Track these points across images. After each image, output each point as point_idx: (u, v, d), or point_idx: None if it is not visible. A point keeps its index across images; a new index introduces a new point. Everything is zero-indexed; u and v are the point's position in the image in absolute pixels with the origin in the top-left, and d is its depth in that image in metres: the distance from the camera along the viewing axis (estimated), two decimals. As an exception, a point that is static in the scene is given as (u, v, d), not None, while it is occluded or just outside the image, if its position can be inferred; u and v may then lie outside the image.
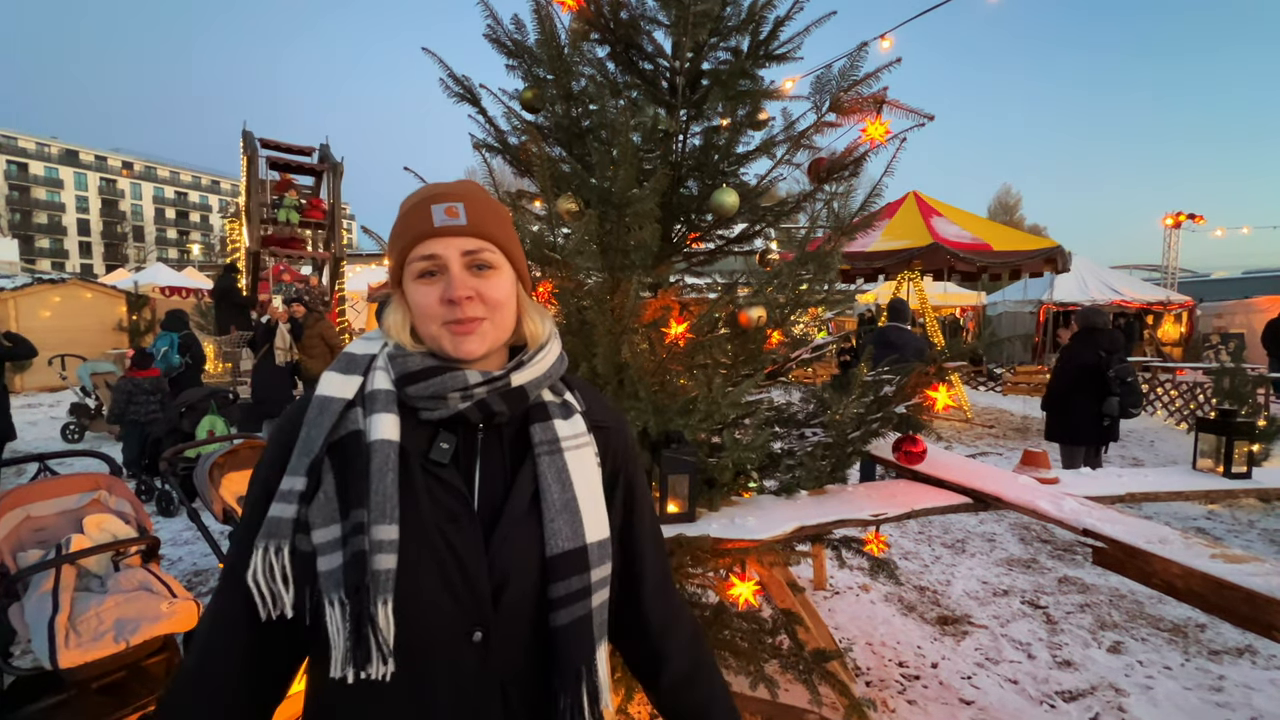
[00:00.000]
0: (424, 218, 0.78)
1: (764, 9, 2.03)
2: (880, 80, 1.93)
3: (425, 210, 0.78)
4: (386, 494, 0.72)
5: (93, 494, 2.58)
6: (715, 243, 2.41)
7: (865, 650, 3.04)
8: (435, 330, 0.78)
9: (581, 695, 0.78)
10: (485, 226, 0.80)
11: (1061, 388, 4.99)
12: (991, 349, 13.58)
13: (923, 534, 4.71)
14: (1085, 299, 14.08)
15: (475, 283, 0.78)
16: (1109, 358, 4.69)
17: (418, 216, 0.78)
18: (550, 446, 0.82)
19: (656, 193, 1.72)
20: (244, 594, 0.73)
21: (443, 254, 0.77)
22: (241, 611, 0.74)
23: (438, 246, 0.77)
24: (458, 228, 0.78)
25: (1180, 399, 9.10)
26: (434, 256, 0.77)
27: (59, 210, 59.51)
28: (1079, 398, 4.82)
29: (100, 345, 11.99)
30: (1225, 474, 2.29)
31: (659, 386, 1.86)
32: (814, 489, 2.07)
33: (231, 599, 0.75)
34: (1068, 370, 4.94)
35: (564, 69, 2.07)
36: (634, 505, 0.92)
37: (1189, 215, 18.82)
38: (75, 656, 1.96)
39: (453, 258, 0.77)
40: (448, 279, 0.77)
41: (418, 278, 0.79)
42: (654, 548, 0.94)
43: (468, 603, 0.74)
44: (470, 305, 0.77)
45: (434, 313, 0.78)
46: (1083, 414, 4.81)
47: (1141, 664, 2.95)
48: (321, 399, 0.78)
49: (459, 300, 0.76)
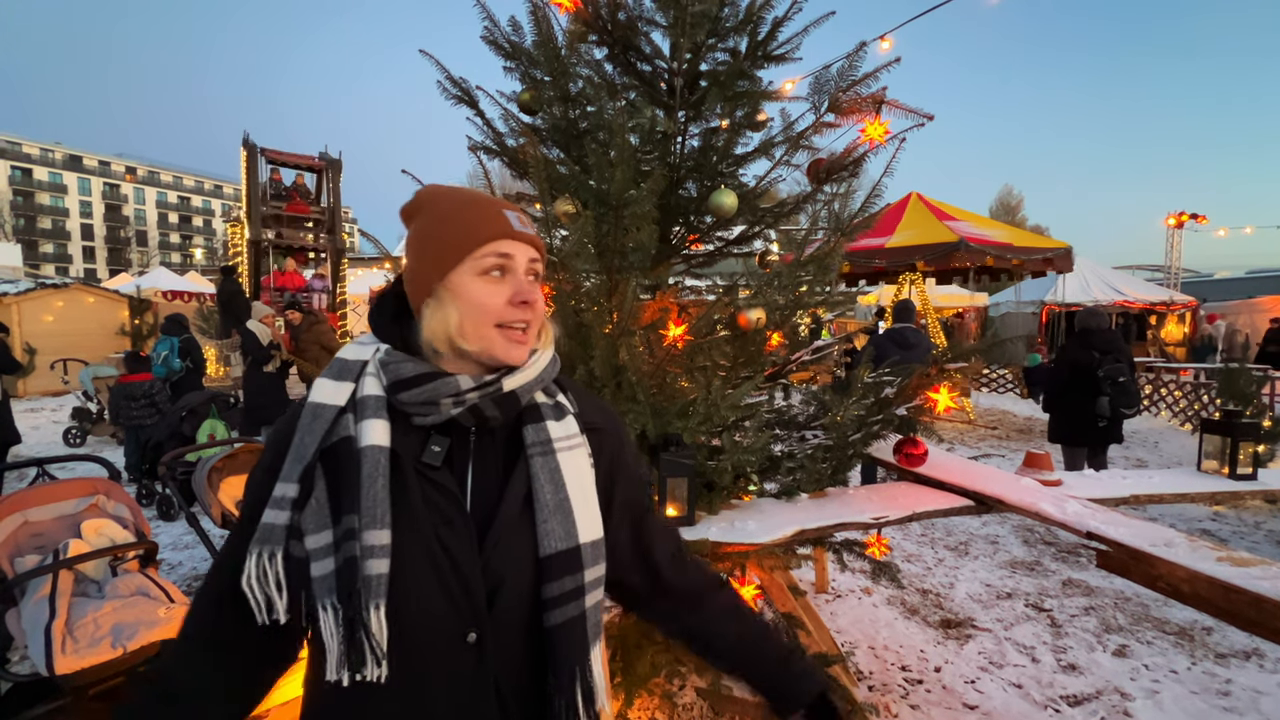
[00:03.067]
0: (498, 218, 0.79)
1: (762, 10, 2.02)
2: (879, 80, 1.92)
3: (496, 212, 0.79)
4: (377, 499, 0.72)
5: (91, 499, 2.57)
6: (714, 244, 2.40)
7: (867, 654, 3.01)
8: (489, 332, 0.78)
9: (576, 695, 0.79)
10: (540, 241, 0.83)
11: (1057, 389, 5.05)
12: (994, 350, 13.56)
13: (925, 536, 4.68)
14: (1088, 299, 14.04)
15: (533, 290, 0.80)
16: (1102, 358, 4.70)
17: (489, 216, 0.79)
18: (543, 448, 0.82)
19: (654, 194, 1.72)
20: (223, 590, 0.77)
21: (516, 255, 0.79)
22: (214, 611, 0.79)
23: (513, 248, 0.79)
24: (530, 236, 0.81)
25: (1184, 399, 9.06)
26: (508, 256, 0.78)
27: (63, 215, 59.73)
28: (1075, 398, 4.82)
29: (102, 349, 11.99)
30: (1230, 475, 2.27)
31: (657, 389, 1.85)
32: (814, 492, 2.05)
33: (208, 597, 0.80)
34: (1062, 371, 4.97)
35: (561, 71, 2.06)
36: (636, 500, 0.94)
37: (1192, 215, 18.74)
38: (72, 662, 1.94)
39: (522, 263, 0.80)
40: (515, 280, 0.79)
41: (483, 274, 0.78)
42: (661, 532, 0.98)
43: (462, 604, 0.74)
44: (528, 310, 0.79)
45: (498, 312, 0.78)
46: (1080, 415, 4.81)
47: (1147, 668, 2.93)
48: (314, 406, 0.78)
49: (530, 302, 0.79)
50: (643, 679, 1.77)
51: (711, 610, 0.97)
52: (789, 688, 0.94)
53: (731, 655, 0.97)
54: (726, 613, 0.98)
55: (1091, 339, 4.84)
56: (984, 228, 9.17)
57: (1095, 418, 4.73)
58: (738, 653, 0.97)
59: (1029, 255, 8.94)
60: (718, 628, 0.97)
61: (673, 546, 0.98)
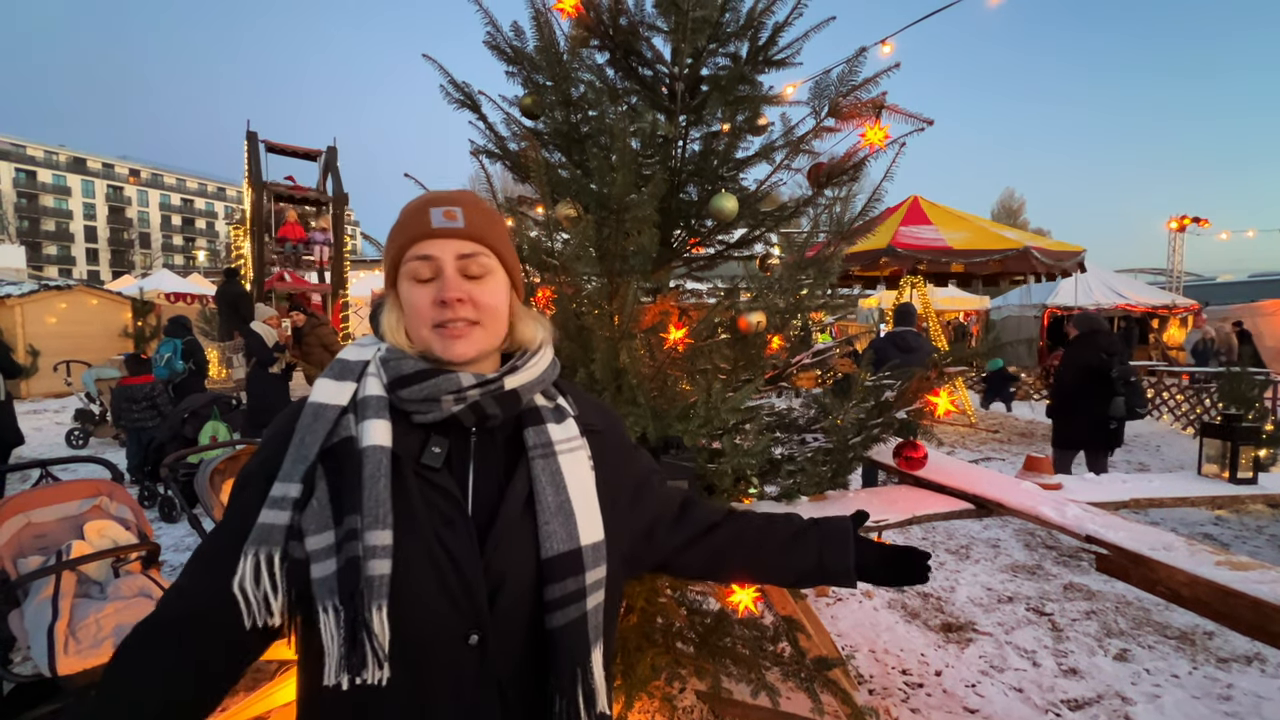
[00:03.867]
0: (422, 219, 0.79)
1: (763, 15, 2.03)
2: (879, 85, 1.93)
3: (424, 212, 0.80)
4: (379, 500, 0.72)
5: (94, 500, 2.58)
6: (715, 248, 2.41)
7: (868, 658, 3.01)
8: (425, 332, 0.79)
9: (577, 697, 0.79)
10: (482, 231, 0.81)
11: (1067, 391, 4.94)
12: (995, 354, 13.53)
13: (926, 540, 4.68)
14: (1090, 303, 14.03)
15: (469, 286, 0.79)
16: (1111, 359, 4.67)
17: (416, 218, 0.80)
18: (544, 450, 0.82)
19: (655, 198, 1.72)
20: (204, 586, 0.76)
21: (438, 255, 0.78)
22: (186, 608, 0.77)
23: (434, 248, 0.78)
24: (455, 230, 0.79)
25: (1186, 403, 9.04)
26: (429, 257, 0.78)
27: (66, 217, 59.94)
28: (1084, 401, 4.78)
29: (106, 351, 12.02)
30: (1231, 479, 2.27)
31: (658, 392, 1.85)
32: (814, 495, 2.06)
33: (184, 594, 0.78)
34: (1071, 374, 4.91)
35: (563, 75, 2.08)
36: (650, 491, 0.98)
37: (1194, 218, 18.73)
38: (74, 663, 1.95)
39: (448, 260, 0.78)
40: (441, 281, 0.78)
41: (412, 279, 0.79)
42: (681, 496, 1.04)
43: (464, 606, 0.74)
44: (462, 308, 0.78)
45: (426, 314, 0.78)
46: (1088, 417, 4.77)
47: (1148, 672, 2.92)
48: (315, 406, 0.78)
49: (450, 301, 0.77)
50: (643, 681, 1.77)
51: (732, 529, 1.03)
52: (831, 563, 0.99)
53: (762, 565, 1.03)
54: (744, 528, 1.03)
55: (1099, 340, 4.80)
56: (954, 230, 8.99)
57: (1103, 419, 4.69)
58: (766, 559, 1.02)
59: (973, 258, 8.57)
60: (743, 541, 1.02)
61: (689, 497, 1.05)
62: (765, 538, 1.02)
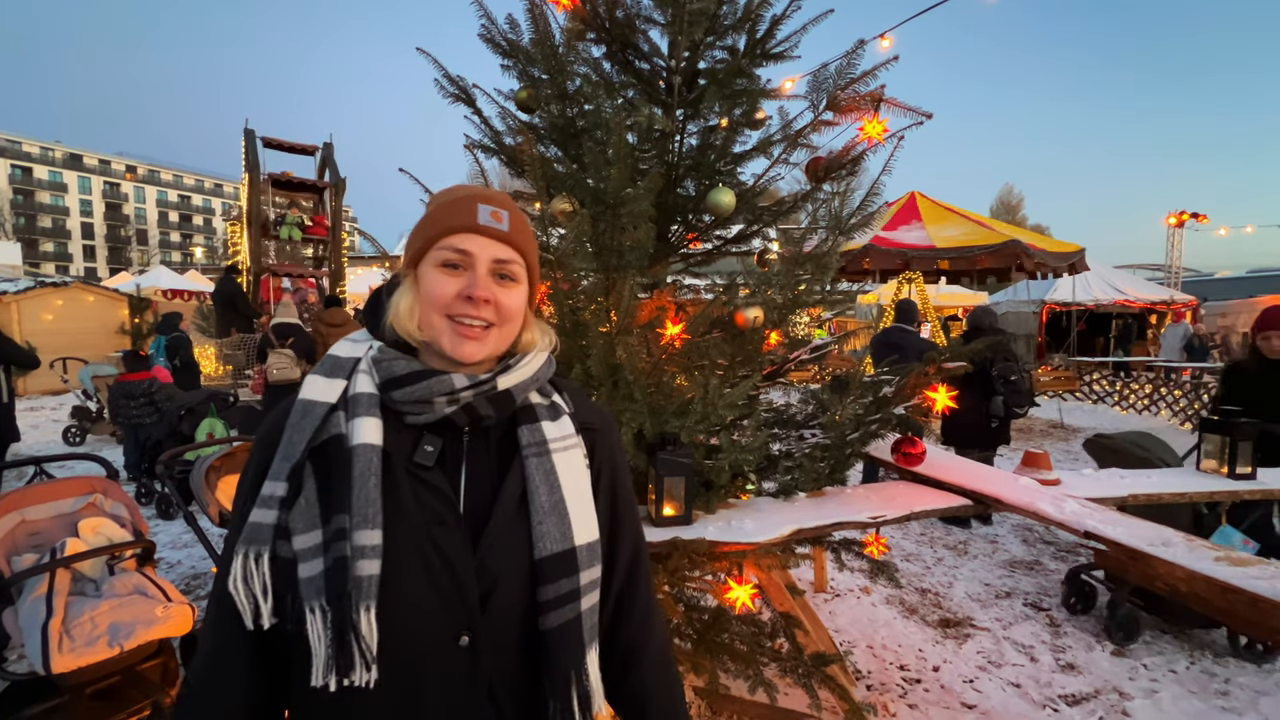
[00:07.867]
0: (469, 212, 0.78)
1: (760, 8, 2.01)
2: (878, 78, 1.91)
3: (471, 205, 0.79)
4: (369, 499, 0.71)
5: (88, 497, 2.57)
6: (713, 243, 2.39)
7: (866, 653, 3.01)
8: (438, 321, 0.78)
9: (571, 699, 0.78)
10: (521, 240, 0.81)
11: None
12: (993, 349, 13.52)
13: (924, 535, 4.68)
14: (1089, 298, 14.03)
15: (496, 290, 0.79)
16: (993, 357, 4.71)
17: (462, 209, 0.79)
18: (538, 448, 0.81)
19: (651, 192, 1.71)
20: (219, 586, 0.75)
21: (476, 253, 0.78)
22: (236, 620, 0.73)
23: (473, 244, 0.78)
24: (499, 232, 0.79)
25: (1184, 398, 9.05)
26: (466, 252, 0.78)
27: (63, 214, 59.71)
28: (964, 400, 4.78)
29: (102, 348, 11.99)
30: (1230, 475, 2.26)
31: (655, 388, 1.84)
32: (812, 491, 2.05)
33: (223, 606, 0.74)
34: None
35: (559, 69, 2.06)
36: (618, 508, 0.90)
37: (1192, 214, 18.73)
38: (69, 661, 1.94)
39: (483, 259, 0.78)
40: (471, 276, 0.78)
41: (440, 265, 0.78)
42: (630, 553, 0.90)
43: (455, 606, 0.73)
44: (485, 308, 0.77)
45: (444, 302, 0.77)
46: (970, 416, 4.71)
47: (1146, 667, 2.92)
48: (304, 403, 0.77)
49: (477, 299, 0.77)
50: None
51: (640, 673, 0.88)
52: None
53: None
54: (656, 695, 0.88)
55: (981, 338, 4.81)
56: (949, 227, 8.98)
57: (985, 418, 4.77)
58: None
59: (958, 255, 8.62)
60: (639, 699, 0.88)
61: (630, 569, 0.90)
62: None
